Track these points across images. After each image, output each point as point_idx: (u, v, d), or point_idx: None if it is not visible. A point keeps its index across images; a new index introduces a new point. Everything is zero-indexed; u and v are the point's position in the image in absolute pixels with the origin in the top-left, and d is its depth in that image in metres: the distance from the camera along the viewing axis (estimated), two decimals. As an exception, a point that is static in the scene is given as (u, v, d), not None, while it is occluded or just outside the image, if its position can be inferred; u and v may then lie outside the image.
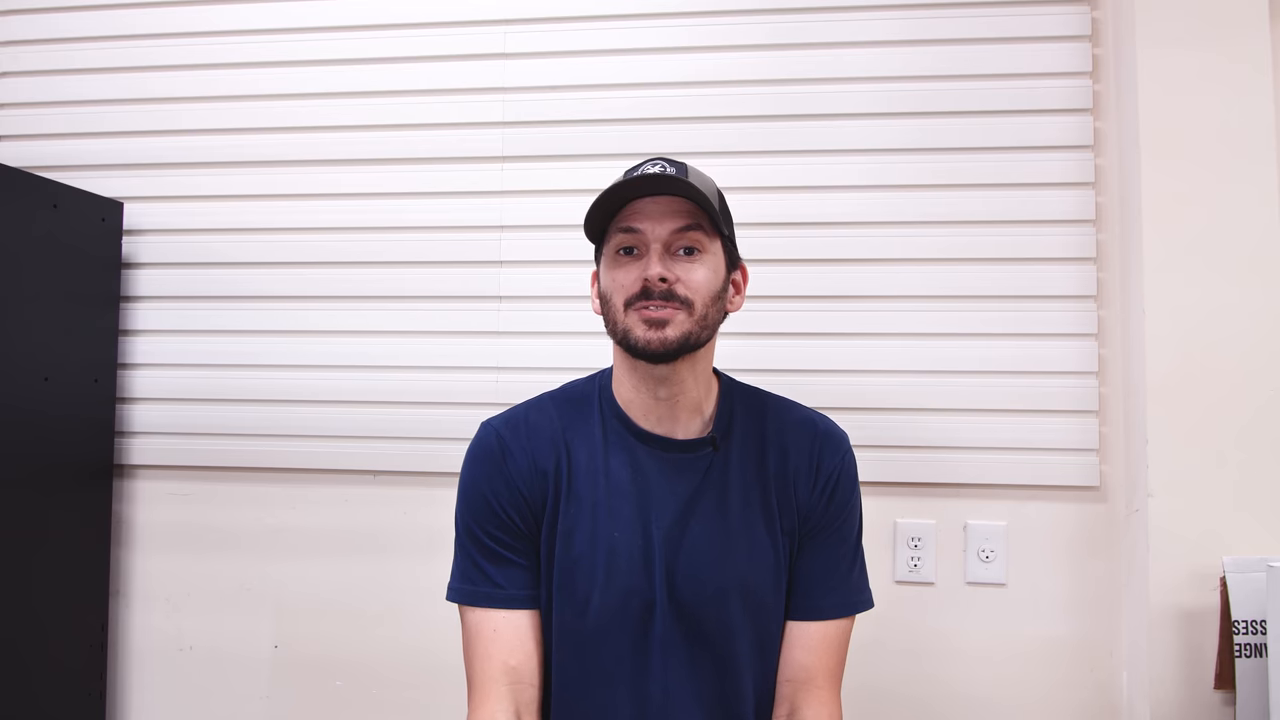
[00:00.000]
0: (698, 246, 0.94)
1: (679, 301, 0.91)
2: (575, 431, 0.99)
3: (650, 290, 0.91)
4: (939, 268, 1.52)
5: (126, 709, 1.65)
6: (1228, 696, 1.31)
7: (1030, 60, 1.52)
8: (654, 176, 0.91)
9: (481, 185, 1.61)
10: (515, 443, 0.98)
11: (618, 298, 0.93)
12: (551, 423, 1.00)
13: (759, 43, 1.57)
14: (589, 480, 0.97)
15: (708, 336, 0.95)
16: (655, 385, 0.96)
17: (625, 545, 0.95)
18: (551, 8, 1.61)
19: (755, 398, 1.05)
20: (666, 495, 0.96)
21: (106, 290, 1.63)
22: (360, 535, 1.60)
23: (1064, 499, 1.48)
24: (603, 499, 0.96)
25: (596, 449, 0.98)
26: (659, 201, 0.93)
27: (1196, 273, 1.38)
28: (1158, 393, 1.38)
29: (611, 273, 0.95)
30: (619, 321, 0.93)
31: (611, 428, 0.99)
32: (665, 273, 0.91)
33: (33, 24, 1.72)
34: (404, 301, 1.62)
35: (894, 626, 1.49)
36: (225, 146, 1.67)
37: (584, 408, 1.01)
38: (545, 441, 0.98)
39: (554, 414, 1.01)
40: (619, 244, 0.94)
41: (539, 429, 1.00)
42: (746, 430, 1.01)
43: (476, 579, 0.97)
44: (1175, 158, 1.40)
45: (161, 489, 1.66)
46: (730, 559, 0.97)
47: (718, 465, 0.98)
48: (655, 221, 0.92)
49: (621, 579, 0.94)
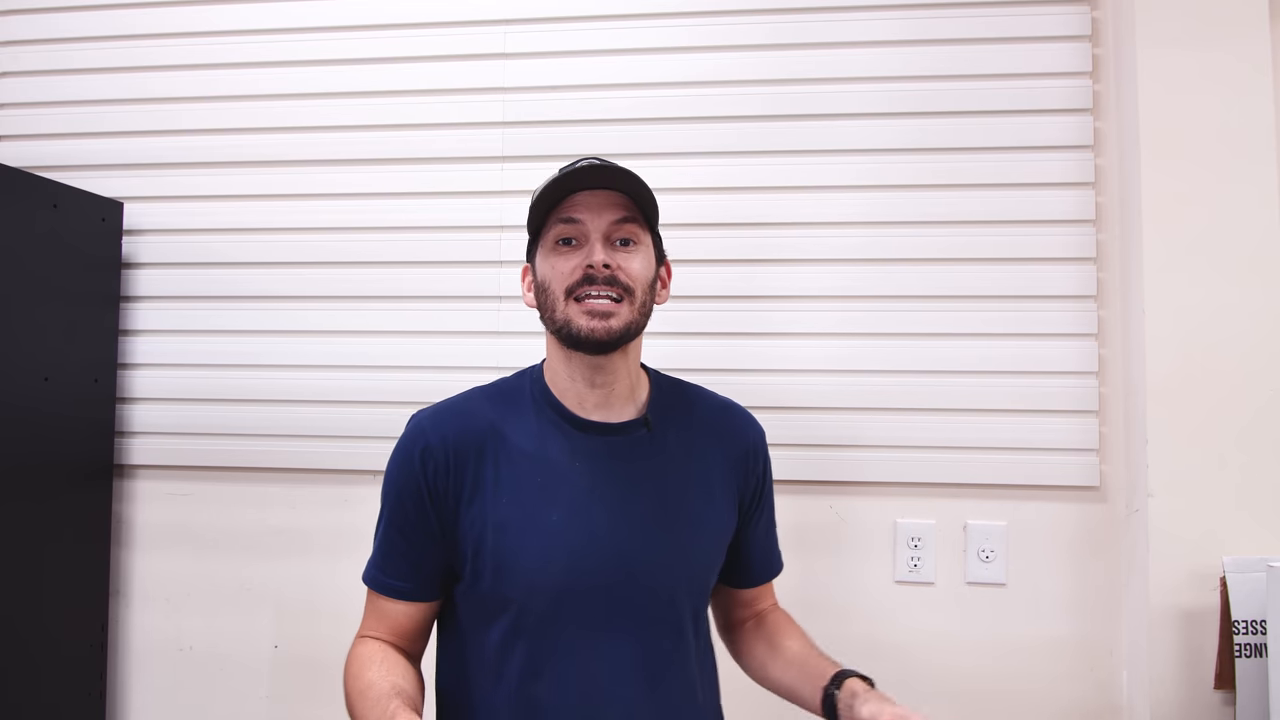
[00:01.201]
0: (633, 238, 0.98)
1: (621, 288, 0.95)
2: (507, 421, 1.00)
3: (594, 276, 0.94)
4: (939, 268, 1.51)
5: (126, 709, 1.65)
6: (1228, 696, 1.31)
7: (1030, 60, 1.52)
8: (597, 167, 0.95)
9: (481, 185, 1.61)
10: (436, 434, 0.98)
11: (557, 285, 0.96)
12: (481, 413, 1.01)
13: (759, 43, 1.57)
14: (524, 466, 0.98)
15: (642, 325, 1.00)
16: (591, 374, 0.99)
17: (565, 527, 0.96)
18: (551, 8, 1.61)
19: (680, 386, 1.11)
20: (609, 477, 0.99)
21: (106, 290, 1.63)
22: (360, 535, 1.58)
23: (1064, 499, 1.48)
24: (539, 483, 0.97)
25: (531, 435, 0.99)
26: (597, 195, 0.97)
27: (1197, 273, 1.38)
28: (1158, 393, 1.38)
29: (550, 261, 0.98)
30: (558, 311, 0.96)
31: (546, 416, 1.01)
32: (608, 259, 0.95)
33: (33, 24, 1.72)
34: (404, 301, 1.62)
35: (894, 626, 1.49)
36: (225, 146, 1.67)
37: (516, 399, 1.03)
38: (472, 433, 0.99)
39: (485, 405, 1.02)
40: (559, 234, 0.97)
41: (466, 420, 1.00)
42: (680, 415, 1.06)
43: (382, 568, 1.01)
44: (1175, 158, 1.40)
45: (161, 489, 1.66)
46: (673, 535, 1.00)
47: (657, 447, 1.02)
48: (595, 213, 0.97)
49: (563, 559, 0.95)
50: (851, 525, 1.51)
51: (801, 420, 1.51)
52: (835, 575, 1.51)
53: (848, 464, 1.50)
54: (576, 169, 0.95)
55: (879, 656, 1.49)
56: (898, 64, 1.54)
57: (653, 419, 1.03)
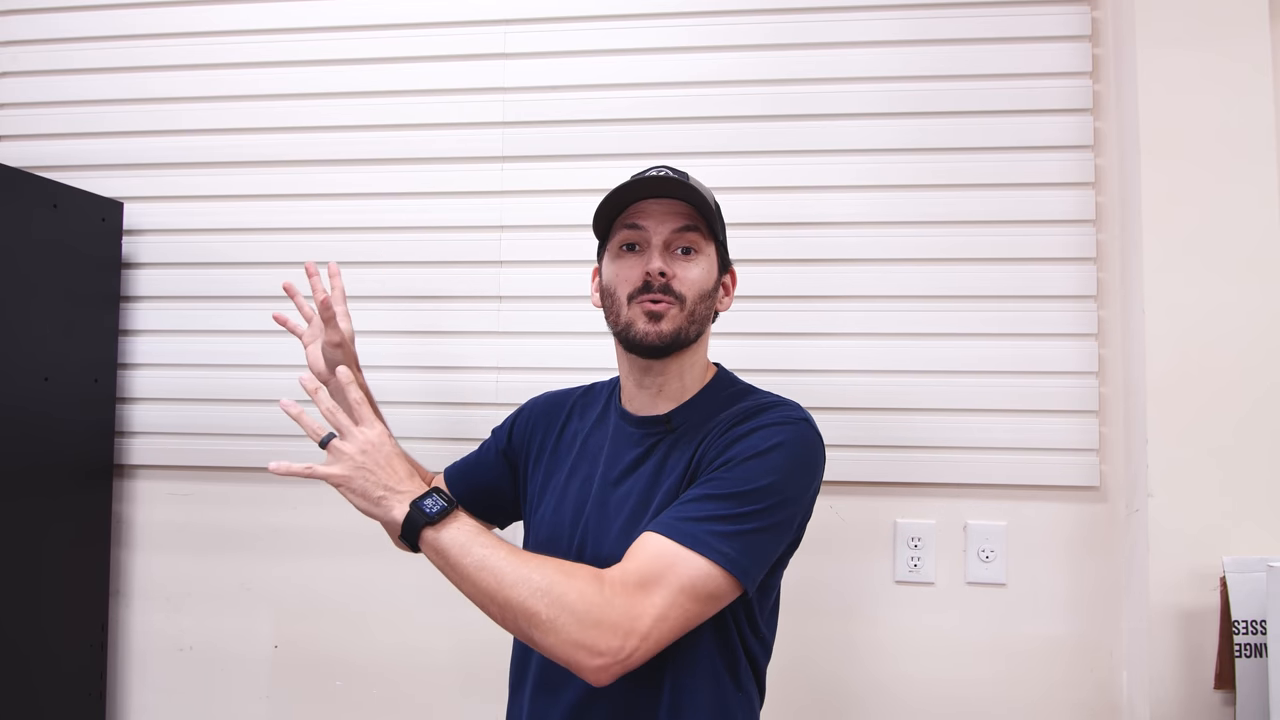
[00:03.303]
0: (694, 247, 1.01)
1: (674, 296, 0.99)
2: (583, 407, 1.15)
3: (650, 284, 0.99)
4: (939, 268, 1.51)
5: (126, 709, 1.65)
6: (1228, 696, 1.31)
7: (1030, 60, 1.52)
8: (661, 178, 0.99)
9: (481, 185, 1.61)
10: (530, 404, 1.20)
11: (621, 290, 1.01)
12: (570, 398, 1.17)
13: (759, 43, 1.57)
14: (572, 444, 1.11)
15: (697, 332, 1.02)
16: (640, 375, 1.05)
17: (568, 497, 1.06)
18: (551, 8, 1.61)
19: (738, 390, 1.05)
20: (615, 460, 1.05)
21: (106, 290, 1.63)
22: (360, 535, 1.59)
23: (1064, 499, 1.48)
24: (574, 461, 1.09)
25: (589, 421, 1.11)
26: (662, 203, 1.01)
27: (1196, 272, 1.38)
28: (1158, 393, 1.38)
29: (614, 266, 1.03)
30: (622, 314, 1.01)
31: (610, 407, 1.11)
32: (665, 268, 0.99)
33: (33, 24, 1.72)
34: (404, 301, 1.62)
35: (894, 626, 1.49)
36: (225, 146, 1.67)
37: (598, 396, 1.16)
38: (554, 409, 1.16)
39: (576, 394, 1.18)
40: (623, 240, 1.02)
41: (560, 398, 1.18)
42: (705, 416, 1.01)
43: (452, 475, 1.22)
44: (1175, 158, 1.40)
45: (161, 489, 1.66)
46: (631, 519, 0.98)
47: (667, 442, 1.03)
48: (658, 221, 1.00)
49: (548, 528, 1.06)
50: (851, 525, 1.51)
51: (801, 420, 1.51)
52: (835, 575, 1.51)
53: (848, 464, 1.50)
54: (643, 179, 0.99)
55: (879, 656, 1.49)
56: (898, 64, 1.54)
57: (686, 419, 1.02)
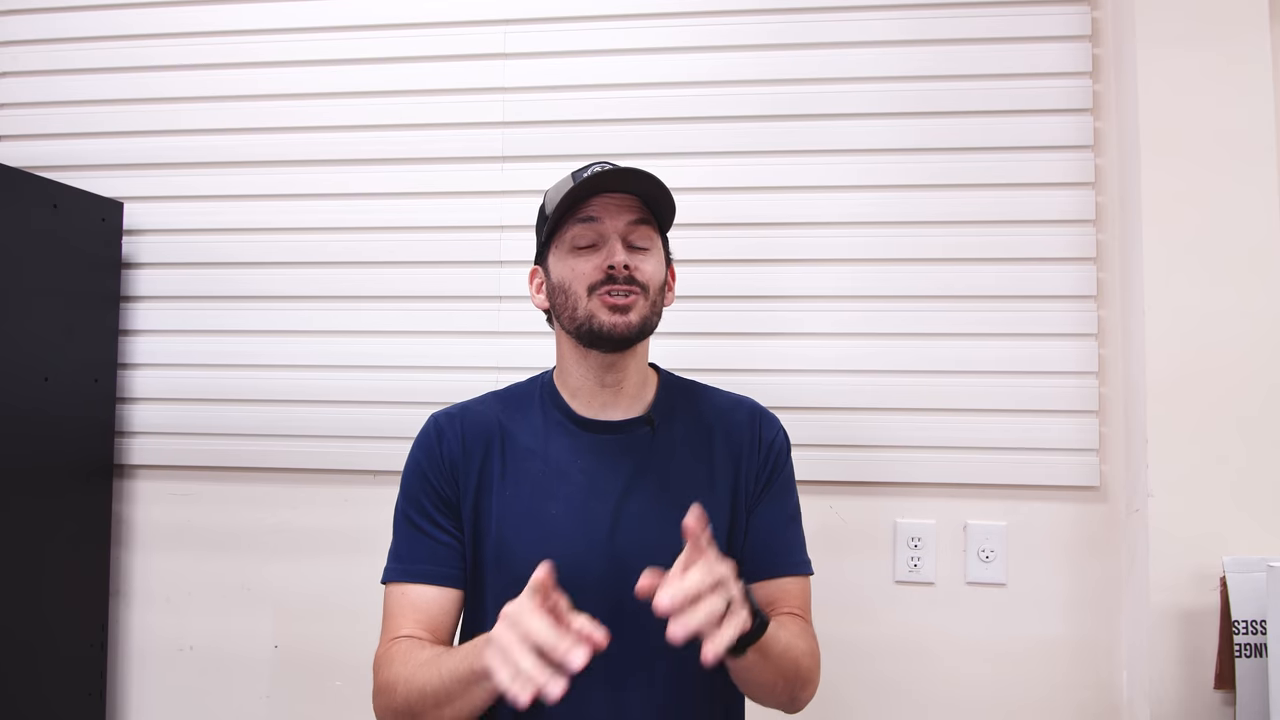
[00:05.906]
0: (646, 241, 1.02)
1: (639, 286, 0.98)
2: (514, 420, 1.06)
3: (615, 276, 0.97)
4: (939, 268, 1.51)
5: (126, 709, 1.65)
6: (1228, 696, 1.31)
7: (1030, 60, 1.52)
8: (615, 171, 0.97)
9: (481, 185, 1.61)
10: (450, 428, 1.04)
11: (579, 285, 0.99)
12: (491, 412, 1.07)
13: (759, 43, 1.57)
14: (527, 462, 1.02)
15: (655, 324, 1.03)
16: (603, 372, 1.02)
17: (563, 523, 0.99)
18: (551, 8, 1.61)
19: (689, 386, 1.12)
20: (610, 474, 1.01)
21: (106, 290, 1.63)
22: (360, 535, 1.60)
23: (1064, 499, 1.48)
24: (540, 480, 1.01)
25: (536, 434, 1.04)
26: (613, 197, 1.00)
27: (1197, 273, 1.38)
28: (1158, 393, 1.38)
29: (568, 262, 1.00)
30: (580, 308, 0.99)
31: (552, 417, 1.05)
32: (628, 259, 0.98)
33: (33, 24, 1.72)
34: (404, 301, 1.62)
35: (894, 626, 1.49)
36: (225, 146, 1.67)
37: (525, 401, 1.08)
38: (481, 428, 1.04)
39: (495, 406, 1.08)
40: (577, 236, 1.00)
41: (476, 417, 1.06)
42: (687, 414, 1.07)
43: (405, 558, 1.02)
44: (1175, 158, 1.40)
45: (161, 489, 1.66)
46: (671, 531, 0.96)
47: (661, 445, 1.04)
48: (612, 215, 1.00)
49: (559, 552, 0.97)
50: (851, 525, 1.51)
51: (801, 420, 1.51)
52: (835, 575, 1.50)
53: (848, 464, 1.50)
54: (596, 174, 0.97)
55: (879, 656, 1.49)
56: (898, 64, 1.54)
57: (657, 417, 1.04)
